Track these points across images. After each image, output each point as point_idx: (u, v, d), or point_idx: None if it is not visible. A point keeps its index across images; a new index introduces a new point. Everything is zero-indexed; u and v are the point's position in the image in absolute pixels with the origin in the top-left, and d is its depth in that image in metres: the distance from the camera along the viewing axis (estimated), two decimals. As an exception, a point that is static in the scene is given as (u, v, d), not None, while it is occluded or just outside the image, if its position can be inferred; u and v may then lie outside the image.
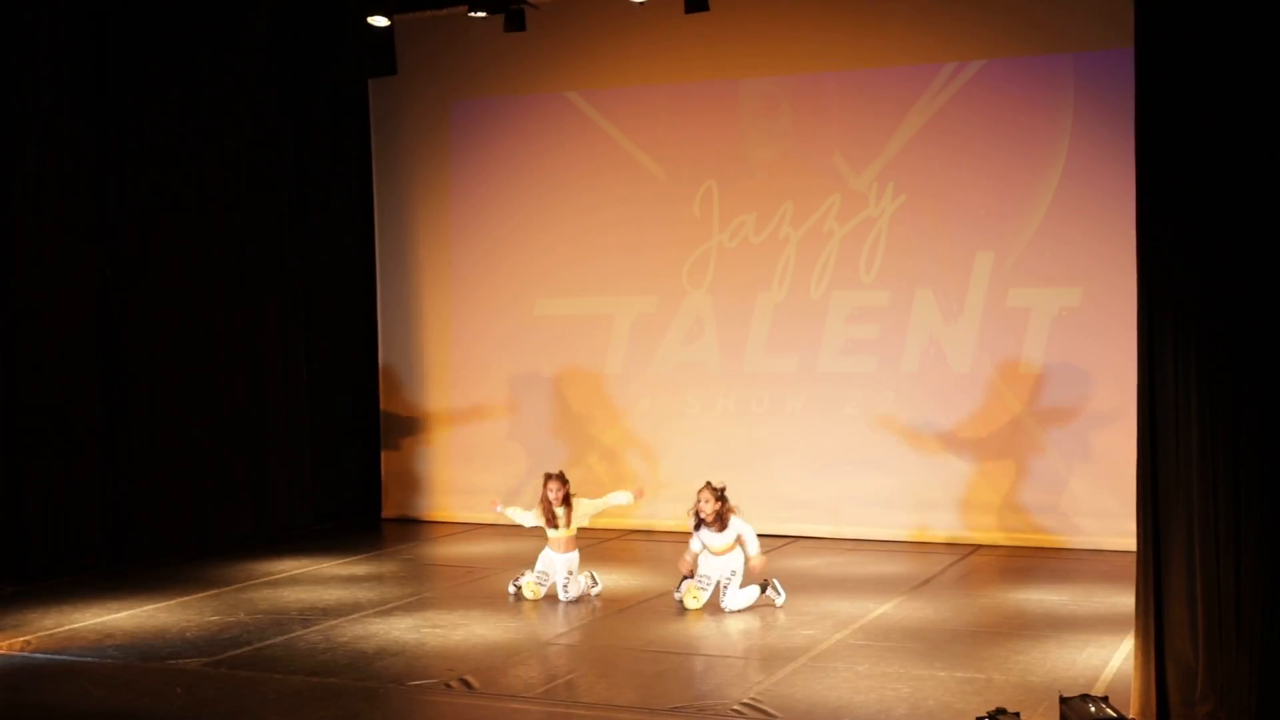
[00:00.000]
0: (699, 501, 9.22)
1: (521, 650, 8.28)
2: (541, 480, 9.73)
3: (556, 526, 9.61)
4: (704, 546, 9.26)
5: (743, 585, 9.21)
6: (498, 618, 9.03)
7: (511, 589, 9.72)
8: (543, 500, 9.66)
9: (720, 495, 9.22)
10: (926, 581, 10.12)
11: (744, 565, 9.24)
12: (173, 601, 9.66)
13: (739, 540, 9.22)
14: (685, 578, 9.33)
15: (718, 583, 9.23)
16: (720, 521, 9.18)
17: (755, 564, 9.24)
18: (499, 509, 9.95)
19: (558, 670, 7.84)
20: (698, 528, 9.24)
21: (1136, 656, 6.39)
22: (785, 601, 9.24)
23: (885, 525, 11.93)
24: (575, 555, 9.66)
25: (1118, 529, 10.92)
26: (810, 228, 12.31)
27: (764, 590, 9.29)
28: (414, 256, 13.73)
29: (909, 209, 12.00)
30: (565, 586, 9.54)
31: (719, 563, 9.25)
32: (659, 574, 10.49)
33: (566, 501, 9.60)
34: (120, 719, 7.05)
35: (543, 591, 9.59)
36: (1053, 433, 11.58)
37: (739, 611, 9.09)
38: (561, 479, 9.65)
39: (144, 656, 8.15)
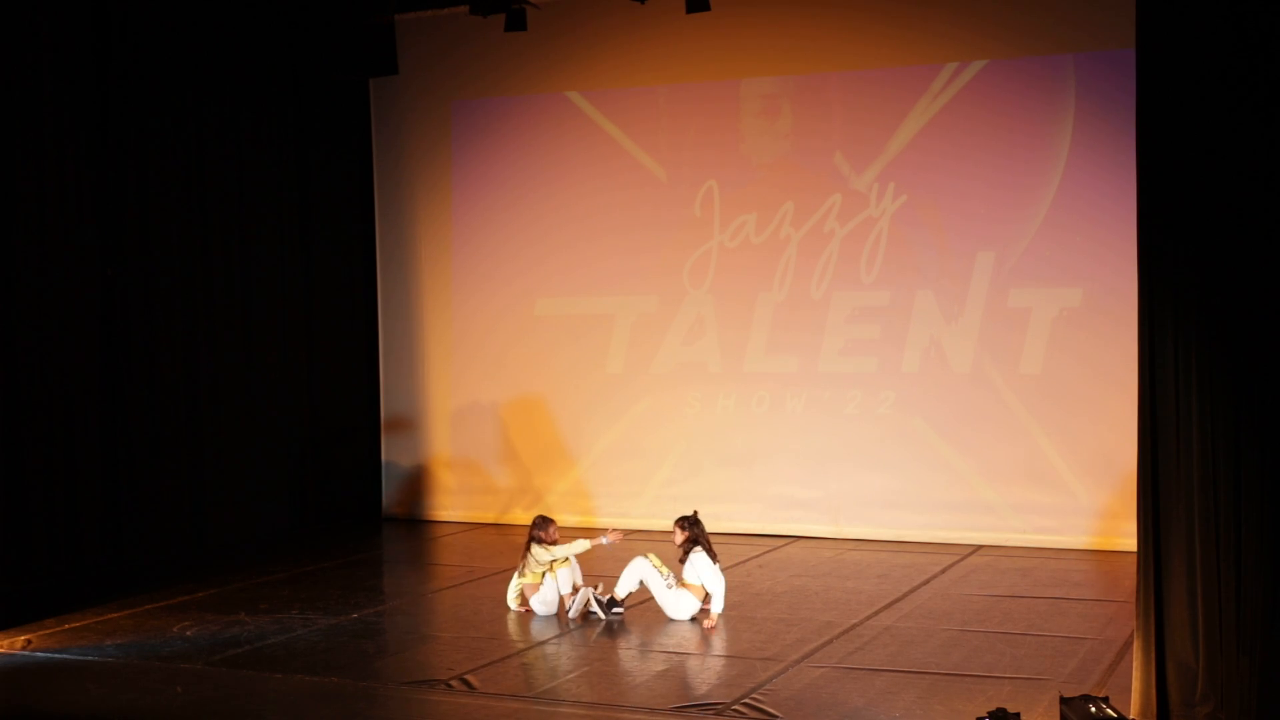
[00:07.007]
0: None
1: (521, 650, 8.28)
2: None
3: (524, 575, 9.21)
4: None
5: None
6: (498, 618, 9.03)
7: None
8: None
9: (686, 523, 8.90)
10: (926, 581, 10.12)
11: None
12: (173, 601, 9.67)
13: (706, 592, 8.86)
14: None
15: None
16: (683, 551, 8.87)
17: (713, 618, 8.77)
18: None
19: (558, 670, 7.84)
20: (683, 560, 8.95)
21: (1136, 656, 6.39)
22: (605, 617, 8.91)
23: (885, 525, 11.93)
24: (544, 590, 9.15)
25: (1118, 529, 10.95)
26: (811, 228, 12.31)
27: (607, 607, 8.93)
28: (415, 256, 13.74)
29: (910, 209, 11.99)
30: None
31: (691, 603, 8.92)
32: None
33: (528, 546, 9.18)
34: (121, 718, 7.05)
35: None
36: (1052, 433, 11.57)
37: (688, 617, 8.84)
38: (539, 524, 9.22)
39: (144, 655, 8.16)
